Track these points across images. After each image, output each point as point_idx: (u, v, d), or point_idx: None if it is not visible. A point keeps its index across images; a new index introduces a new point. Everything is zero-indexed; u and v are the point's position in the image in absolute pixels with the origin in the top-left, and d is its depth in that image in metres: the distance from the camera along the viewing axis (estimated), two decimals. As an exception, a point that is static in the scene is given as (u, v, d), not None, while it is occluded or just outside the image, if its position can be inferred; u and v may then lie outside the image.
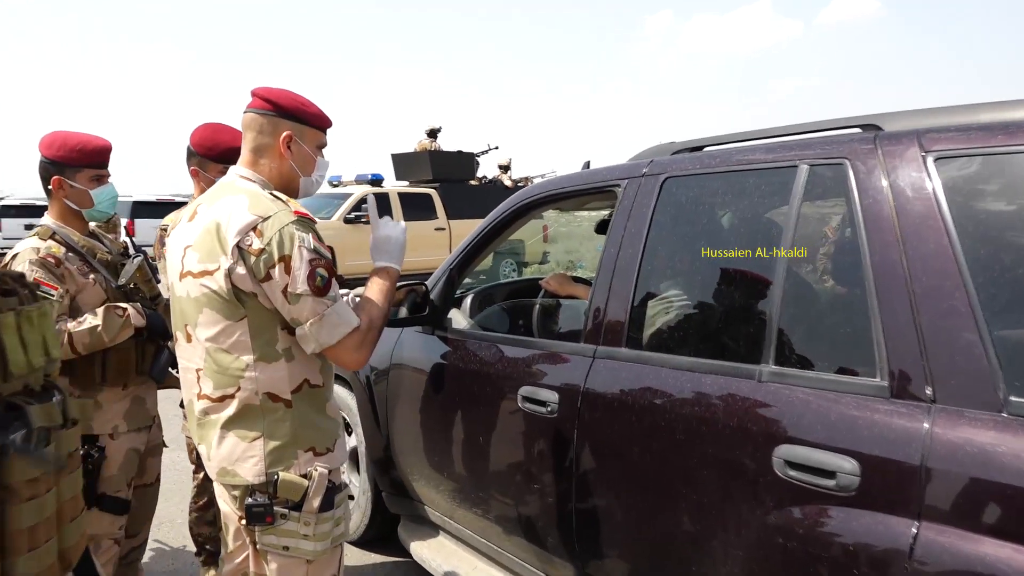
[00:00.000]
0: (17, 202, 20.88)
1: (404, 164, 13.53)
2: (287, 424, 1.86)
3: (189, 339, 1.90)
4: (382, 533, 3.53)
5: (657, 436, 2.00)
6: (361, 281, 8.41)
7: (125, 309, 2.40)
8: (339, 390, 3.59)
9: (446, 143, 14.05)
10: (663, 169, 2.28)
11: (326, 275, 1.81)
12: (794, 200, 1.88)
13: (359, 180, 12.53)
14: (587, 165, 2.78)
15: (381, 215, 2.19)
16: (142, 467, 2.61)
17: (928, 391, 1.56)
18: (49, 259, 2.34)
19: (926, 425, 1.53)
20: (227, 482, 1.89)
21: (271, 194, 1.88)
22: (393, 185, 12.99)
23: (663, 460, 1.99)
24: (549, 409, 2.33)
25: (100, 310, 2.36)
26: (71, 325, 2.30)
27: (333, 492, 1.91)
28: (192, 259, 1.87)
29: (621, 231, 2.31)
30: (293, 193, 2.01)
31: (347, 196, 11.81)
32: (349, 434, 3.59)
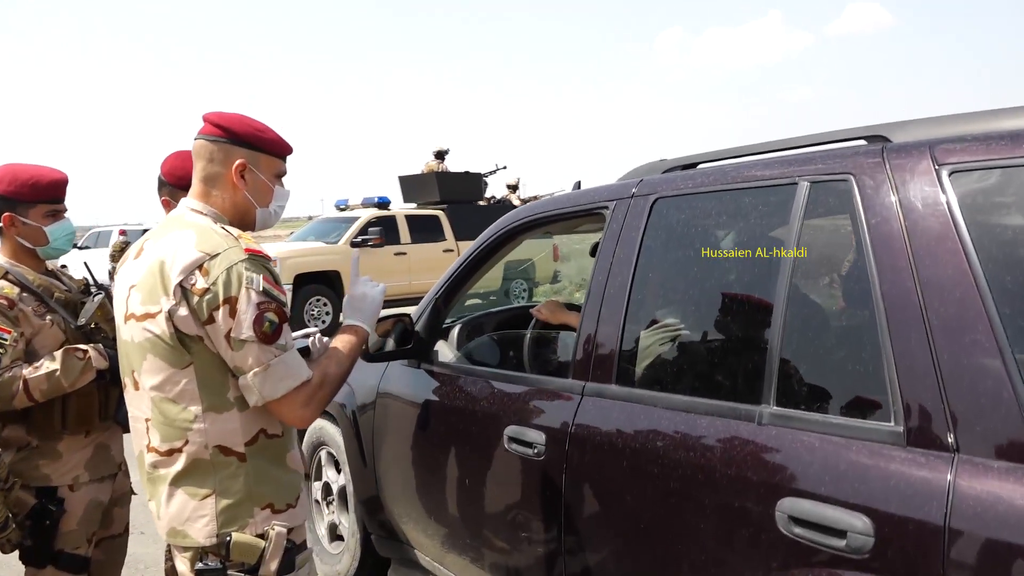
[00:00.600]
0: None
1: (411, 186, 13.41)
2: (240, 479, 1.69)
3: (137, 387, 1.74)
4: (373, 577, 3.34)
5: (649, 485, 1.81)
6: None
7: (86, 351, 2.24)
8: (326, 424, 3.41)
9: (457, 163, 13.95)
10: (652, 189, 2.10)
11: (276, 320, 1.64)
12: (794, 221, 1.70)
13: (366, 203, 12.42)
14: (578, 185, 2.61)
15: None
16: (108, 518, 2.44)
17: (950, 438, 1.36)
18: (1, 301, 2.19)
19: (948, 477, 1.34)
20: (178, 543, 1.72)
21: (223, 228, 1.72)
22: (400, 208, 12.87)
23: (656, 512, 1.80)
24: (536, 451, 2.15)
25: (59, 353, 2.20)
26: (27, 371, 2.14)
27: (293, 553, 1.73)
28: (135, 300, 1.71)
29: (610, 257, 2.13)
30: (250, 226, 1.86)
31: (354, 220, 11.71)
32: (339, 472, 3.42)
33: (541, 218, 2.54)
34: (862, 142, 1.78)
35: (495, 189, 15.10)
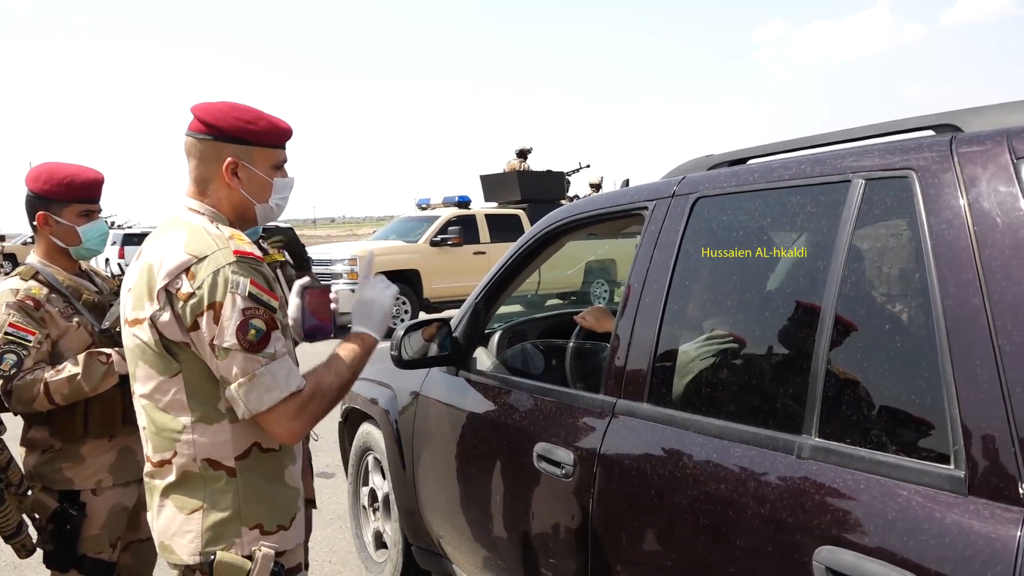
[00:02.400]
0: (139, 230, 22.16)
1: (492, 185, 13.34)
2: (229, 496, 1.59)
3: (135, 393, 1.68)
4: (416, 588, 3.24)
5: (678, 518, 1.62)
6: (447, 304, 8.20)
7: (109, 356, 2.20)
8: (372, 429, 3.33)
9: (540, 162, 13.78)
10: (694, 188, 1.90)
11: (263, 328, 1.52)
12: (845, 224, 1.47)
13: (446, 202, 12.43)
14: (626, 183, 2.41)
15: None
16: (136, 522, 2.41)
17: (1021, 490, 1.13)
18: (28, 301, 2.17)
19: (1017, 535, 1.10)
20: (166, 559, 1.65)
21: (218, 228, 1.63)
22: (481, 207, 12.82)
23: (683, 550, 1.61)
24: (564, 472, 1.98)
25: (81, 357, 2.16)
26: (49, 374, 2.12)
27: None
28: (128, 304, 1.64)
29: (647, 262, 1.94)
30: (251, 222, 1.76)
31: (434, 219, 11.74)
32: (384, 478, 3.33)
33: (582, 219, 2.37)
34: (930, 133, 1.54)
35: (578, 188, 14.85)
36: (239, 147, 1.66)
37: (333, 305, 1.94)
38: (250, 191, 1.69)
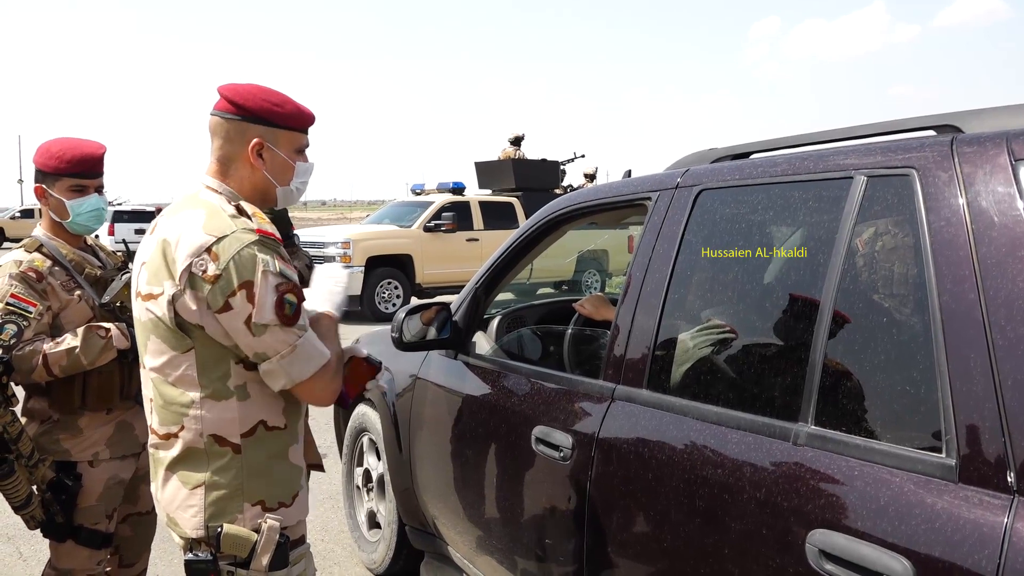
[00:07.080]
0: (130, 208, 22.04)
1: (487, 173, 13.34)
2: (233, 472, 1.62)
3: (144, 366, 1.71)
4: (408, 568, 3.28)
5: (675, 501, 1.67)
6: (440, 290, 8.30)
7: (108, 330, 2.23)
8: (368, 411, 3.36)
9: (534, 150, 13.77)
10: (697, 180, 1.93)
11: (295, 301, 1.58)
12: (846, 220, 1.51)
13: (441, 188, 12.44)
14: (628, 174, 2.45)
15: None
16: (135, 495, 2.44)
17: (1010, 477, 1.17)
18: (30, 273, 2.19)
19: (1005, 522, 1.15)
20: (172, 531, 1.68)
21: (236, 207, 1.65)
22: (475, 194, 12.83)
23: (680, 532, 1.65)
24: (562, 455, 2.02)
25: (81, 330, 2.19)
26: (48, 346, 2.14)
27: (287, 548, 1.66)
28: (143, 279, 1.66)
29: (649, 251, 1.98)
30: (271, 203, 1.79)
31: (428, 204, 11.75)
32: (379, 459, 3.36)
33: (584, 208, 2.40)
34: (931, 133, 1.58)
35: (572, 178, 14.87)
36: (265, 128, 1.70)
37: (341, 286, 1.99)
38: (273, 173, 1.73)
